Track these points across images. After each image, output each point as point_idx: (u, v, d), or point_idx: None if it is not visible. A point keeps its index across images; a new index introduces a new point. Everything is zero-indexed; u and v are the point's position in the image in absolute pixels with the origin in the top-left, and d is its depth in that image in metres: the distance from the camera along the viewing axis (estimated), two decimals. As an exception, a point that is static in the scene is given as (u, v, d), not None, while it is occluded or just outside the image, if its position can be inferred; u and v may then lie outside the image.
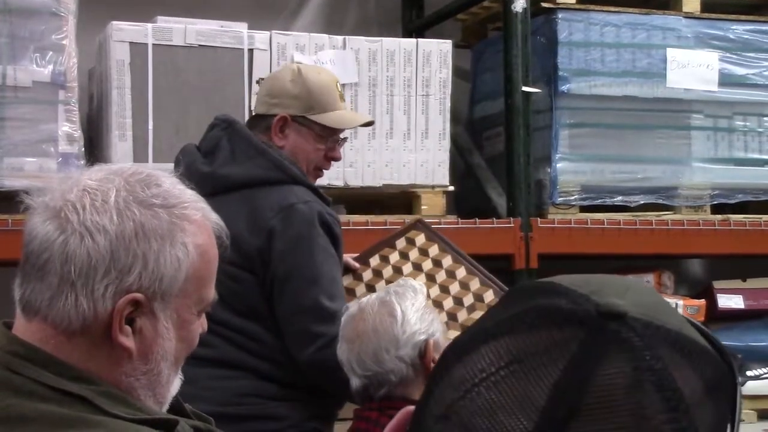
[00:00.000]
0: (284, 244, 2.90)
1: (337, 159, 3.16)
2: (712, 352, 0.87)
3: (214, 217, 1.51)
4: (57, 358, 1.41)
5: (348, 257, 3.26)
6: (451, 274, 3.31)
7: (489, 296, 3.28)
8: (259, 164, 2.98)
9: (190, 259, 1.45)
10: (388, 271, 3.30)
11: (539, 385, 0.81)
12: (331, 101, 3.10)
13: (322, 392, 2.96)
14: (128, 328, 1.42)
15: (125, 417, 1.39)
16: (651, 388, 0.82)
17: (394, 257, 3.35)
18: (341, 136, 3.15)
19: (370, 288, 3.25)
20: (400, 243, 3.38)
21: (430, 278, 3.29)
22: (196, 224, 1.47)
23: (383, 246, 3.38)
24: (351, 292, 3.23)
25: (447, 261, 3.34)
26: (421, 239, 3.39)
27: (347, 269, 3.26)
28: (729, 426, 0.86)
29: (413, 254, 3.35)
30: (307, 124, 3.07)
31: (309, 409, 2.96)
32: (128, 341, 1.42)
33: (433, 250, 3.36)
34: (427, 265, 3.33)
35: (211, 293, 1.51)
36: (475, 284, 3.29)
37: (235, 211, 2.87)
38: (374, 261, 3.34)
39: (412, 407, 0.91)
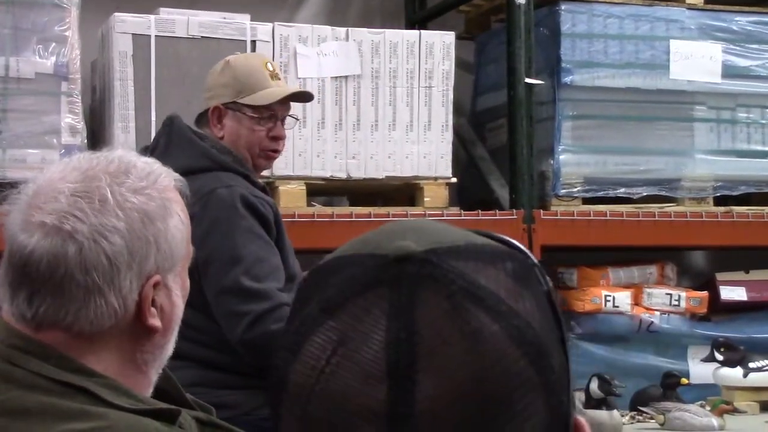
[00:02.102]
0: (202, 228, 2.84)
1: (281, 137, 3.11)
2: (504, 248, 0.86)
3: (175, 174, 1.54)
4: (58, 350, 1.41)
5: None
6: None
7: None
8: (189, 154, 2.97)
9: (184, 225, 1.50)
10: None
11: (373, 355, 0.79)
12: (259, 81, 3.08)
13: None
14: (153, 309, 1.45)
15: (128, 408, 1.39)
16: (470, 306, 0.80)
17: None
18: (287, 114, 3.13)
19: None
20: None
21: None
22: (172, 190, 1.51)
23: None
24: None
25: None
26: None
27: None
28: (548, 306, 0.85)
29: None
30: (239, 109, 3.05)
31: (264, 397, 2.94)
32: (156, 321, 1.45)
33: None
34: None
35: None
36: None
37: None
38: None
39: None
